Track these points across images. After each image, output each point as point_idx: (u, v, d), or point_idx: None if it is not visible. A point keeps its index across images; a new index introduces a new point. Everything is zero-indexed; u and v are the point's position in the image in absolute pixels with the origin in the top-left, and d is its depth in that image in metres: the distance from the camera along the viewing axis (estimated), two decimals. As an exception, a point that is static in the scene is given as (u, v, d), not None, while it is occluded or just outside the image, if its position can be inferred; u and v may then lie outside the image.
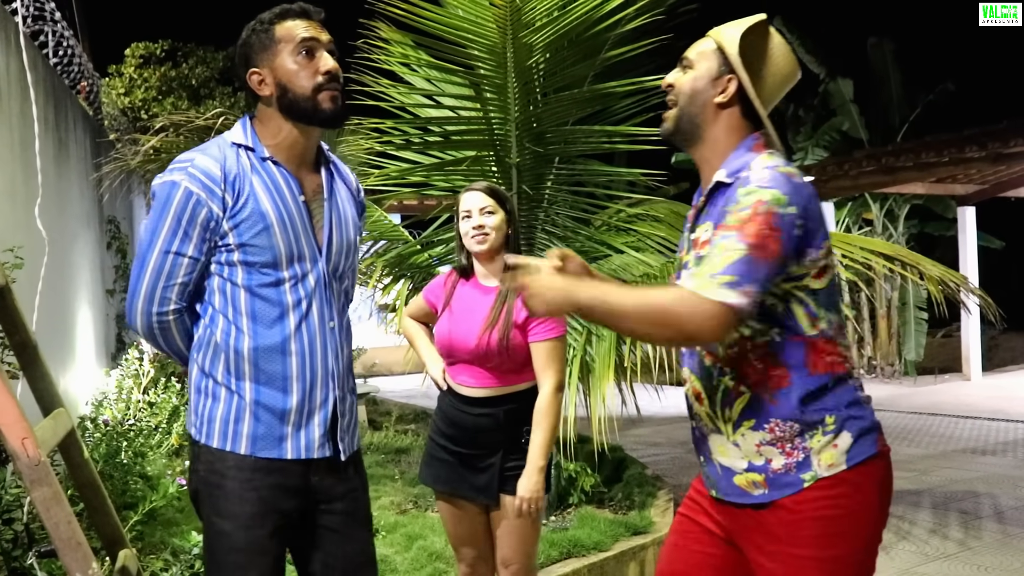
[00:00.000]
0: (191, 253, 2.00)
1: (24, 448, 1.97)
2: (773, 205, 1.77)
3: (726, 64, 1.94)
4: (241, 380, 2.03)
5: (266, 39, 2.05)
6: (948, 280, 4.90)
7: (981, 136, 9.71)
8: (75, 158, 7.04)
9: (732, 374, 1.90)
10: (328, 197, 2.14)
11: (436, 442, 2.96)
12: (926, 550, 5.04)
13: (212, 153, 2.04)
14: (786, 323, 1.86)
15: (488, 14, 4.37)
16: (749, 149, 1.93)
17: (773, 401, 1.87)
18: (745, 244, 1.75)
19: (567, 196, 5.17)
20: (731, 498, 1.95)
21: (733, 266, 1.74)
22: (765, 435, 1.88)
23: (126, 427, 5.01)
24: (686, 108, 1.98)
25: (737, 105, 1.95)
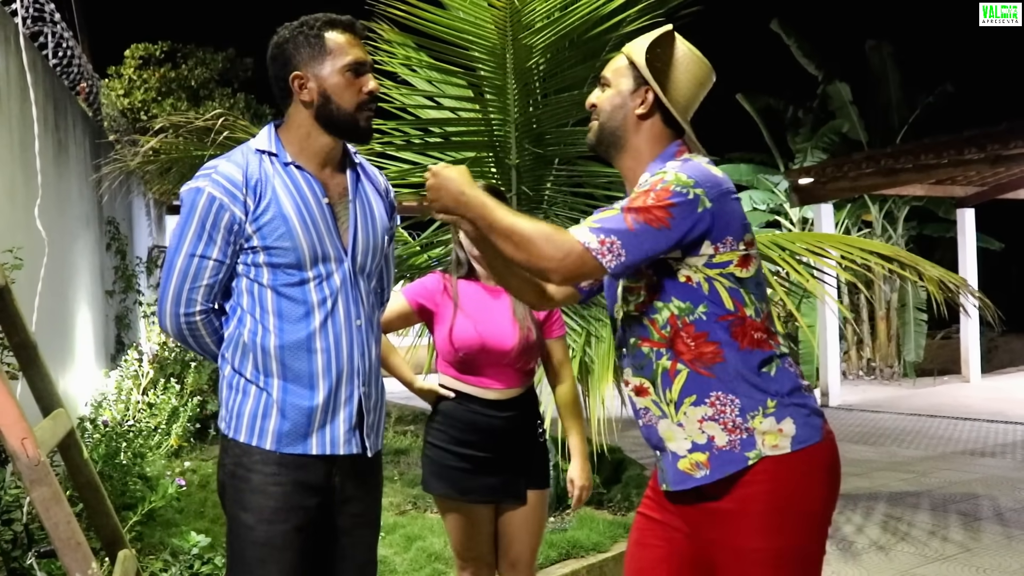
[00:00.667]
0: (216, 256, 2.06)
1: (23, 448, 1.97)
2: (672, 184, 1.88)
3: (641, 78, 2.03)
4: (269, 377, 2.08)
5: (316, 46, 2.08)
6: (947, 282, 4.90)
7: (980, 138, 9.71)
8: (75, 159, 7.04)
9: (668, 354, 1.98)
10: (353, 198, 2.18)
11: (449, 450, 2.85)
12: (925, 551, 5.04)
13: (236, 159, 2.10)
14: (711, 300, 1.94)
15: (488, 15, 4.38)
16: (672, 156, 2.03)
17: (710, 374, 1.94)
18: (621, 207, 1.88)
19: (567, 197, 5.18)
20: (676, 486, 1.99)
21: (603, 220, 1.88)
22: (707, 409, 1.94)
23: (125, 428, 5.01)
24: (606, 123, 2.09)
25: (657, 114, 2.05)
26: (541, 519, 2.92)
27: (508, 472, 2.85)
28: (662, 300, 1.97)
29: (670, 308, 1.96)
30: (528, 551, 2.91)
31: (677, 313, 1.96)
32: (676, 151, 2.04)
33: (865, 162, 10.96)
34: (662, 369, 1.99)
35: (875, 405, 11.24)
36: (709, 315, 1.94)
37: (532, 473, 2.89)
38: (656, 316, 1.98)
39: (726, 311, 1.95)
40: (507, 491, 2.86)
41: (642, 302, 2.00)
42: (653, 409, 2.04)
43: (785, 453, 1.90)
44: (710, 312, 1.94)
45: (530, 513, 2.88)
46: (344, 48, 2.08)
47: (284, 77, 2.10)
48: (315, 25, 2.09)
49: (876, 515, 5.86)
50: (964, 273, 12.35)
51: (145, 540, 4.04)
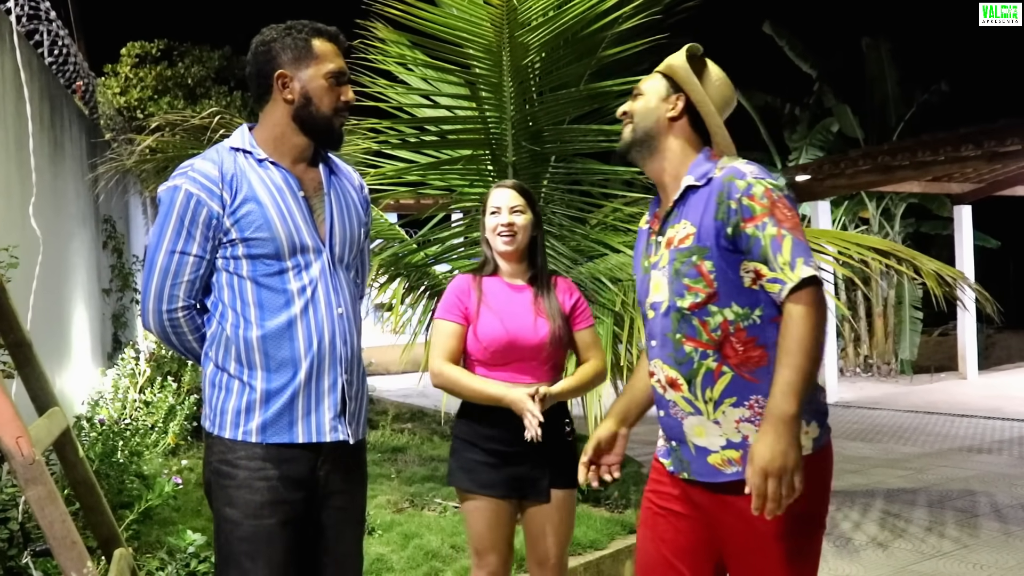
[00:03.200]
0: (195, 251, 2.11)
1: (18, 447, 1.97)
2: (777, 191, 2.03)
3: (673, 86, 2.20)
4: (253, 370, 2.11)
5: (303, 49, 2.16)
6: (944, 275, 4.91)
7: (977, 135, 9.71)
8: (71, 157, 7.03)
9: (715, 356, 2.06)
10: (328, 191, 2.24)
11: (474, 444, 2.84)
12: (922, 548, 5.05)
13: (211, 157, 2.16)
14: (769, 301, 2.03)
15: (484, 13, 4.37)
16: (707, 158, 2.16)
17: (753, 379, 2.04)
18: (787, 229, 1.98)
19: (563, 195, 5.18)
20: (703, 478, 2.10)
21: (795, 250, 1.97)
22: (745, 411, 2.05)
23: (122, 426, 5.00)
24: (640, 124, 2.21)
25: (686, 118, 2.19)
26: (567, 518, 2.90)
27: (532, 468, 2.83)
28: (719, 305, 2.05)
29: (726, 313, 2.05)
30: (555, 550, 2.87)
31: (732, 319, 2.05)
32: (710, 154, 2.17)
33: (862, 159, 10.97)
34: (705, 369, 2.07)
35: (872, 402, 11.25)
36: (764, 317, 2.04)
37: (558, 471, 2.86)
38: (709, 319, 2.06)
39: (778, 311, 2.02)
40: (530, 487, 2.85)
41: (698, 303, 2.06)
42: (683, 405, 2.12)
43: (808, 453, 2.01)
44: (765, 314, 2.04)
45: (555, 512, 2.86)
46: (329, 56, 2.18)
47: (268, 74, 2.16)
48: (303, 30, 2.18)
49: (873, 512, 5.86)
50: (961, 270, 12.33)
51: (142, 538, 4.04)
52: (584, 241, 5.08)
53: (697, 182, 2.12)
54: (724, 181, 2.05)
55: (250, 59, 2.20)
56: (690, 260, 2.08)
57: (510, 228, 2.85)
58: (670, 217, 2.17)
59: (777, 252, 1.97)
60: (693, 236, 2.08)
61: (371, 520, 4.68)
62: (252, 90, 2.23)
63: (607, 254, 5.09)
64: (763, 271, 2.00)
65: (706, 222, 2.06)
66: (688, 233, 2.10)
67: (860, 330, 14.27)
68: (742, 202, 2.00)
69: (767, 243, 1.98)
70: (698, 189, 2.11)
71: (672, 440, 2.18)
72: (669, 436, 2.19)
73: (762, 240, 1.98)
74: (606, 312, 4.71)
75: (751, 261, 2.01)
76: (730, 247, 2.03)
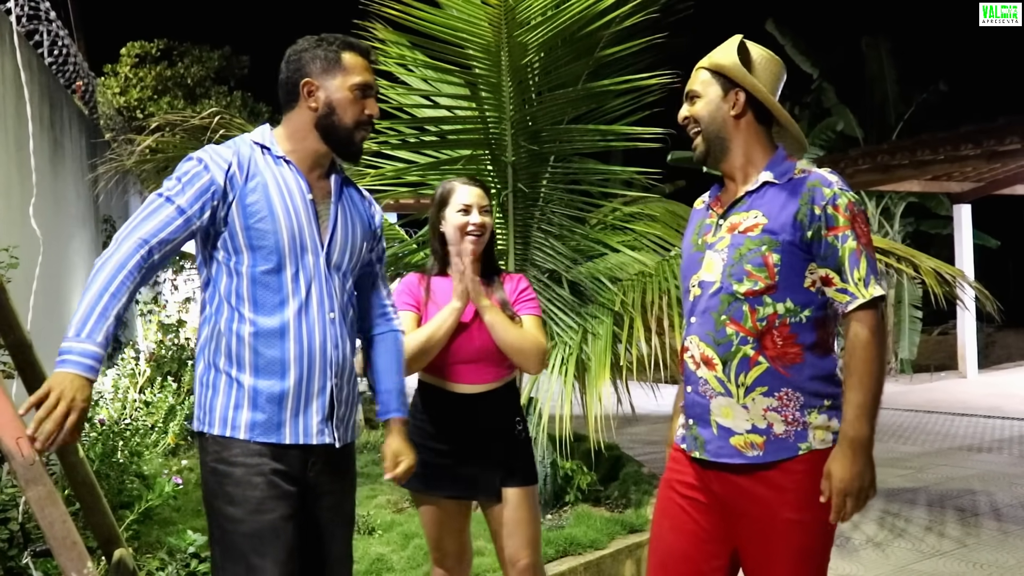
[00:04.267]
0: (179, 202, 2.09)
1: (19, 448, 1.97)
2: (857, 205, 2.11)
3: (727, 82, 2.21)
4: (241, 368, 2.12)
5: (333, 59, 2.21)
6: (944, 273, 4.90)
7: (977, 134, 9.71)
8: (70, 158, 7.03)
9: (754, 344, 2.13)
10: (336, 201, 2.27)
11: (423, 445, 2.81)
12: (922, 547, 5.05)
13: (230, 144, 2.22)
14: (820, 303, 2.13)
15: (483, 13, 4.37)
16: (784, 159, 2.22)
17: (787, 373, 2.12)
18: (862, 246, 2.08)
19: (563, 195, 5.17)
20: (722, 458, 2.15)
21: (869, 268, 2.08)
22: (773, 401, 2.12)
23: (122, 426, 5.00)
24: (709, 127, 2.24)
25: (750, 112, 2.22)
26: (528, 518, 2.84)
27: (482, 468, 2.82)
28: (774, 297, 2.11)
29: (777, 307, 2.12)
30: (524, 551, 2.83)
31: (781, 313, 2.12)
32: (786, 156, 2.23)
33: (861, 158, 10.97)
34: (743, 355, 2.14)
35: (872, 401, 11.22)
36: (810, 318, 2.13)
37: (513, 470, 2.84)
38: (759, 308, 2.12)
39: (824, 313, 2.14)
40: (480, 487, 2.83)
41: (755, 290, 2.12)
42: (714, 384, 2.17)
43: (828, 447, 2.11)
44: (813, 316, 2.12)
45: (515, 511, 2.82)
46: (357, 69, 2.22)
47: (295, 81, 2.21)
48: (334, 43, 2.23)
49: (873, 511, 5.86)
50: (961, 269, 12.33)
51: (142, 539, 4.04)
52: (584, 241, 5.07)
53: (776, 180, 2.18)
54: (810, 185, 2.12)
55: (282, 67, 2.25)
56: (759, 249, 2.13)
57: (480, 228, 2.84)
58: (738, 204, 2.22)
59: (855, 267, 2.07)
60: (763, 227, 2.14)
61: (371, 520, 4.69)
62: (281, 96, 2.27)
63: (606, 254, 5.08)
64: (834, 280, 2.10)
65: (783, 218, 2.12)
66: (758, 223, 2.15)
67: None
68: (827, 210, 2.08)
69: (845, 255, 2.07)
70: (775, 185, 2.17)
71: (691, 418, 2.23)
72: (690, 414, 2.23)
73: (840, 251, 2.08)
74: (606, 312, 4.71)
75: (823, 267, 2.10)
76: (803, 248, 2.10)
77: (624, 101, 4.93)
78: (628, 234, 5.11)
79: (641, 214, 5.34)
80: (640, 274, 4.76)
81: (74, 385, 1.90)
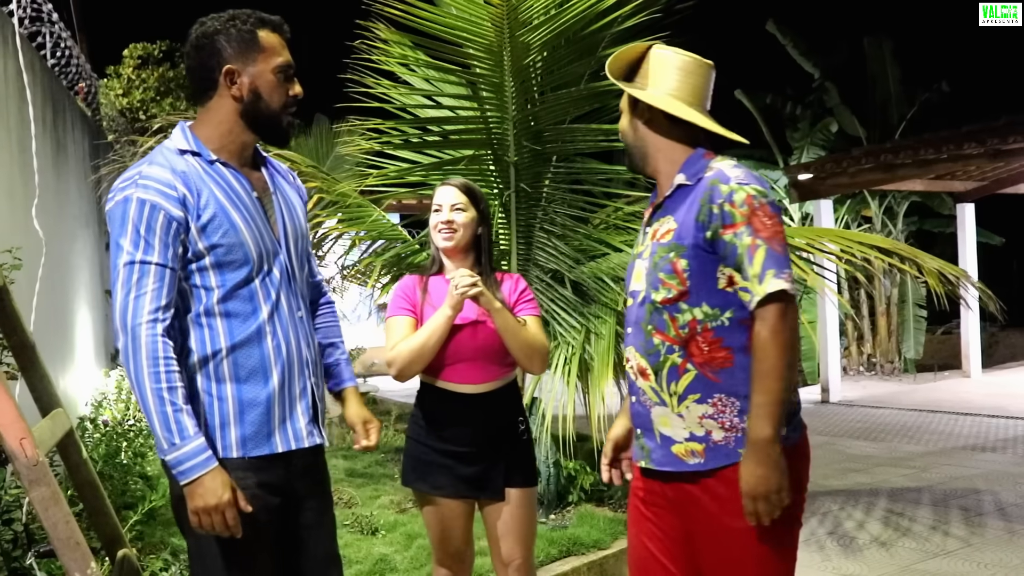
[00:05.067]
0: (156, 260, 1.94)
1: (22, 448, 1.97)
2: (760, 198, 2.03)
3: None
4: (222, 383, 2.02)
5: (250, 41, 2.05)
6: (947, 273, 4.90)
7: (980, 133, 9.69)
8: (73, 159, 7.04)
9: (680, 352, 2.09)
10: (274, 190, 2.17)
11: (425, 445, 2.84)
12: (927, 547, 5.04)
13: (159, 161, 2.02)
14: (740, 306, 2.05)
15: (485, 13, 4.37)
16: (701, 157, 2.17)
17: (716, 379, 2.07)
18: (763, 239, 1.99)
19: (565, 194, 5.17)
20: (664, 467, 2.12)
21: (767, 262, 1.98)
22: (708, 408, 2.07)
23: (126, 427, 5.02)
24: (630, 140, 2.25)
25: (660, 115, 2.17)
26: (526, 518, 2.86)
27: (484, 468, 2.82)
28: (689, 303, 2.07)
29: (695, 312, 2.07)
30: (518, 551, 2.85)
31: (700, 318, 2.07)
32: (704, 153, 2.17)
33: (864, 157, 10.95)
34: (671, 363, 2.10)
35: (876, 401, 11.23)
36: (733, 320, 2.06)
37: (514, 470, 2.85)
38: (678, 316, 2.08)
39: (748, 313, 2.04)
40: (483, 487, 2.83)
41: (670, 298, 2.09)
42: (651, 394, 2.15)
43: None
44: (735, 317, 2.06)
45: (514, 512, 2.84)
46: (277, 49, 2.08)
47: (212, 68, 2.04)
48: (248, 20, 2.06)
49: (877, 511, 5.86)
50: (964, 268, 12.32)
51: (146, 539, 4.04)
52: (586, 241, 5.07)
53: (688, 181, 2.14)
54: (709, 184, 2.07)
55: (190, 51, 2.08)
56: (667, 256, 2.10)
57: (449, 225, 2.85)
58: (658, 210, 2.21)
59: (750, 263, 1.99)
60: (673, 233, 2.11)
61: (374, 520, 4.69)
62: (192, 85, 2.11)
63: (609, 253, 5.08)
64: (736, 279, 2.04)
65: (687, 221, 2.08)
66: (669, 229, 2.13)
67: (863, 329, 14.26)
68: (723, 207, 2.02)
69: (742, 252, 2.00)
70: (688, 187, 2.13)
71: (638, 428, 2.21)
72: (636, 424, 2.22)
73: (738, 248, 2.01)
74: (608, 312, 4.71)
75: (727, 267, 2.04)
76: (708, 249, 2.05)
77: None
78: (631, 234, 5.11)
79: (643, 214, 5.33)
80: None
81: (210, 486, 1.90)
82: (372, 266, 4.99)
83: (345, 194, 4.92)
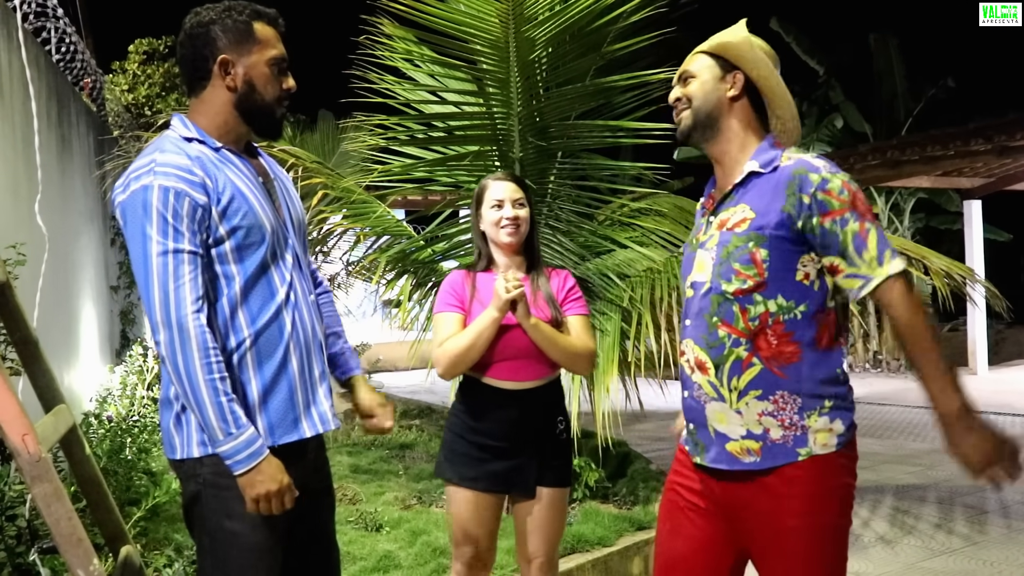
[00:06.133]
0: (188, 247, 1.92)
1: (24, 444, 1.96)
2: (852, 184, 2.00)
3: (726, 64, 2.14)
4: (245, 371, 2.01)
5: (244, 33, 2.04)
6: (954, 272, 4.88)
7: (987, 129, 9.66)
8: (78, 155, 7.04)
9: (747, 346, 2.03)
10: (274, 176, 2.18)
11: (466, 438, 2.85)
12: (931, 545, 5.03)
13: (171, 149, 1.99)
14: (815, 298, 2.03)
15: (490, 9, 4.36)
16: (772, 146, 2.12)
17: (782, 374, 2.02)
18: (870, 222, 1.96)
19: (571, 191, 5.16)
20: (719, 464, 2.08)
21: (880, 242, 1.95)
22: (769, 405, 2.02)
23: (130, 423, 5.01)
24: (701, 106, 2.14)
25: (746, 97, 2.14)
26: (556, 517, 2.88)
27: (518, 464, 2.82)
28: (764, 295, 2.02)
29: (768, 305, 2.02)
30: (543, 548, 2.86)
31: (774, 311, 2.02)
32: (774, 141, 2.14)
33: (871, 154, 10.93)
34: (735, 357, 2.05)
35: (881, 398, 11.20)
36: (806, 314, 2.03)
37: (548, 469, 2.85)
38: (750, 307, 2.03)
39: (823, 307, 2.03)
40: (515, 483, 2.84)
41: (744, 289, 2.03)
42: (707, 389, 2.09)
43: (831, 452, 2.03)
44: (808, 311, 2.02)
45: (543, 510, 2.85)
46: (272, 42, 2.07)
47: (206, 58, 2.04)
48: (243, 12, 2.06)
49: (883, 508, 5.84)
50: (971, 264, 12.29)
51: (149, 535, 4.04)
52: (592, 237, 5.06)
53: (762, 169, 2.08)
54: (794, 173, 2.00)
55: (184, 41, 2.07)
56: (745, 246, 2.03)
57: (514, 221, 2.84)
58: (727, 199, 2.13)
59: (863, 248, 1.95)
60: (750, 222, 2.04)
61: (379, 517, 4.68)
62: (185, 74, 2.09)
63: (614, 250, 5.07)
64: (841, 267, 1.98)
65: (770, 211, 2.01)
66: (745, 218, 2.05)
67: (869, 326, 14.22)
68: (816, 197, 1.97)
69: (848, 239, 1.95)
70: (762, 175, 2.07)
71: (691, 423, 2.16)
72: (689, 418, 2.17)
73: (841, 236, 1.95)
74: (614, 308, 4.69)
75: (827, 256, 1.99)
76: (793, 240, 1.99)
77: (632, 96, 4.91)
78: (636, 230, 5.10)
79: (649, 210, 5.32)
80: (648, 270, 4.75)
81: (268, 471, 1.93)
82: (377, 262, 4.98)
83: (350, 190, 4.91)
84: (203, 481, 2.01)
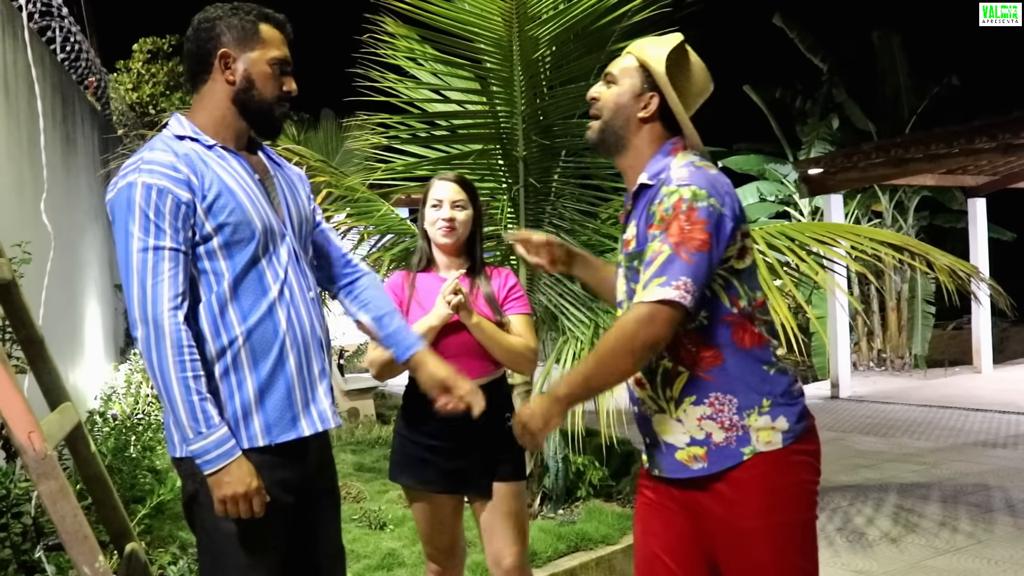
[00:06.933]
0: (169, 244, 1.93)
1: (30, 442, 1.97)
2: (692, 201, 1.92)
3: (648, 81, 2.07)
4: (240, 370, 2.00)
5: (251, 30, 2.06)
6: (958, 270, 4.87)
7: (991, 127, 9.63)
8: (83, 153, 7.06)
9: (668, 357, 2.04)
10: (274, 173, 2.17)
11: (414, 441, 2.83)
12: (936, 543, 5.03)
13: (159, 147, 2.01)
14: (710, 303, 1.99)
15: (494, 7, 4.36)
16: (667, 154, 2.07)
17: (710, 377, 2.01)
18: (669, 245, 1.91)
19: (574, 189, 5.16)
20: (672, 474, 2.08)
21: (661, 267, 1.90)
22: (706, 409, 2.02)
23: (135, 421, 5.03)
24: (610, 121, 2.11)
25: (658, 119, 2.08)
26: (515, 513, 2.81)
27: (471, 463, 2.79)
28: None
29: None
30: (509, 548, 2.79)
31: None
32: (671, 148, 2.08)
33: (875, 152, 10.90)
34: (663, 369, 2.06)
35: (886, 396, 11.19)
36: (711, 319, 2.00)
37: (499, 463, 2.81)
38: None
39: (725, 311, 2.01)
40: (469, 482, 2.81)
41: None
42: (649, 403, 2.11)
43: (777, 449, 2.00)
44: (713, 316, 2.00)
45: (501, 506, 2.79)
46: (276, 43, 2.09)
47: (209, 51, 2.05)
48: (251, 12, 2.08)
49: (887, 506, 5.84)
50: (976, 263, 12.26)
51: (154, 533, 4.05)
52: (595, 236, 5.06)
53: (648, 181, 2.05)
54: (659, 186, 1.99)
55: (190, 35, 2.08)
56: (633, 265, 2.05)
57: (450, 223, 2.82)
58: (629, 215, 2.14)
59: (648, 266, 1.93)
60: (634, 241, 2.05)
61: (382, 515, 4.69)
62: (188, 68, 2.11)
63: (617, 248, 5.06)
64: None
65: (642, 229, 2.02)
66: (631, 237, 2.07)
67: (873, 325, 14.21)
68: (653, 206, 1.97)
69: (648, 252, 1.95)
70: (649, 189, 2.05)
71: (645, 436, 2.17)
72: (642, 432, 2.18)
73: (647, 246, 1.96)
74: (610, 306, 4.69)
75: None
76: None
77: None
78: (640, 229, 5.09)
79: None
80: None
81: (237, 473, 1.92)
82: (381, 260, 4.99)
83: (353, 188, 4.92)
84: (201, 480, 2.00)
